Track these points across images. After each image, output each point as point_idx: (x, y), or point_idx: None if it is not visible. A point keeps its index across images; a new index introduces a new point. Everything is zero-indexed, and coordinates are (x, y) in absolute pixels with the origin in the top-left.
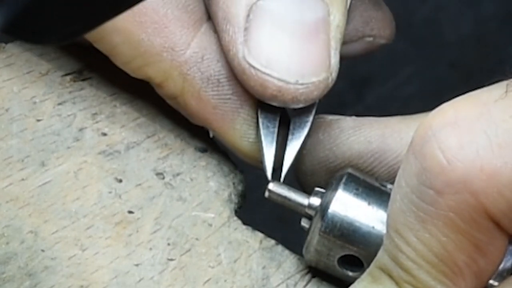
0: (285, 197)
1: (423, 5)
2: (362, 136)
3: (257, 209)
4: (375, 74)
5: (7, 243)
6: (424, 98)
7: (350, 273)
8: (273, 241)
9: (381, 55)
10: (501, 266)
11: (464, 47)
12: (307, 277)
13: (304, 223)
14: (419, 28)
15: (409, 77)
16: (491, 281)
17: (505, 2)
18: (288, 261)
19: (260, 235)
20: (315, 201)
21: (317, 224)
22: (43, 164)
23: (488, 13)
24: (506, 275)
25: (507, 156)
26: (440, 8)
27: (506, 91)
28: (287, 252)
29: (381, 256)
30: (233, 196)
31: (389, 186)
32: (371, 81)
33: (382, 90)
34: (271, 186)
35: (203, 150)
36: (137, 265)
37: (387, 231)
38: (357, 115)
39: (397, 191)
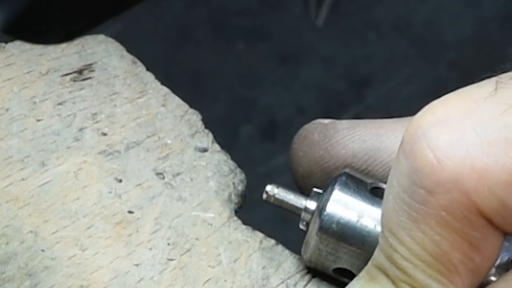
0: (282, 200)
1: (423, 5)
2: (356, 135)
3: (257, 209)
4: (375, 74)
5: (7, 243)
6: (424, 98)
7: (346, 280)
8: (273, 241)
9: (381, 55)
10: (498, 262)
11: (464, 47)
12: (307, 277)
13: (302, 225)
14: (419, 28)
15: (409, 77)
16: (490, 277)
17: (505, 2)
18: (288, 261)
19: (260, 235)
20: (311, 205)
21: (315, 224)
22: (43, 164)
23: (488, 13)
24: (502, 271)
25: (497, 154)
26: (440, 8)
27: (496, 88)
28: (287, 252)
29: (377, 255)
30: (233, 196)
31: (385, 185)
32: (371, 81)
33: (382, 90)
34: (268, 188)
35: (203, 150)
36: (137, 265)
37: (382, 230)
38: (357, 115)
39: (389, 190)
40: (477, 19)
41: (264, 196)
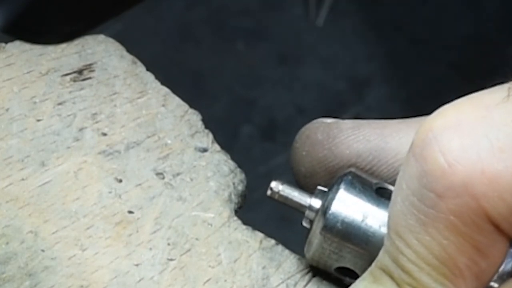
0: (287, 197)
1: (423, 5)
2: (361, 135)
3: (257, 209)
4: (375, 74)
5: (7, 243)
6: (424, 98)
7: (348, 279)
8: (273, 241)
9: (381, 55)
10: (502, 268)
11: (464, 47)
12: (307, 277)
13: (306, 222)
14: (419, 28)
15: (409, 77)
16: (492, 283)
17: (505, 2)
18: (288, 261)
19: (260, 235)
20: (316, 203)
21: (319, 223)
22: (43, 164)
23: (488, 13)
24: (506, 277)
25: (508, 159)
26: (440, 8)
27: (508, 95)
28: (287, 252)
29: (382, 257)
30: (233, 196)
31: (391, 186)
32: (371, 81)
33: (382, 90)
34: (273, 184)
35: (203, 150)
36: (137, 265)
37: (388, 232)
38: (357, 115)
39: (397, 193)
40: (477, 19)
41: (269, 192)
